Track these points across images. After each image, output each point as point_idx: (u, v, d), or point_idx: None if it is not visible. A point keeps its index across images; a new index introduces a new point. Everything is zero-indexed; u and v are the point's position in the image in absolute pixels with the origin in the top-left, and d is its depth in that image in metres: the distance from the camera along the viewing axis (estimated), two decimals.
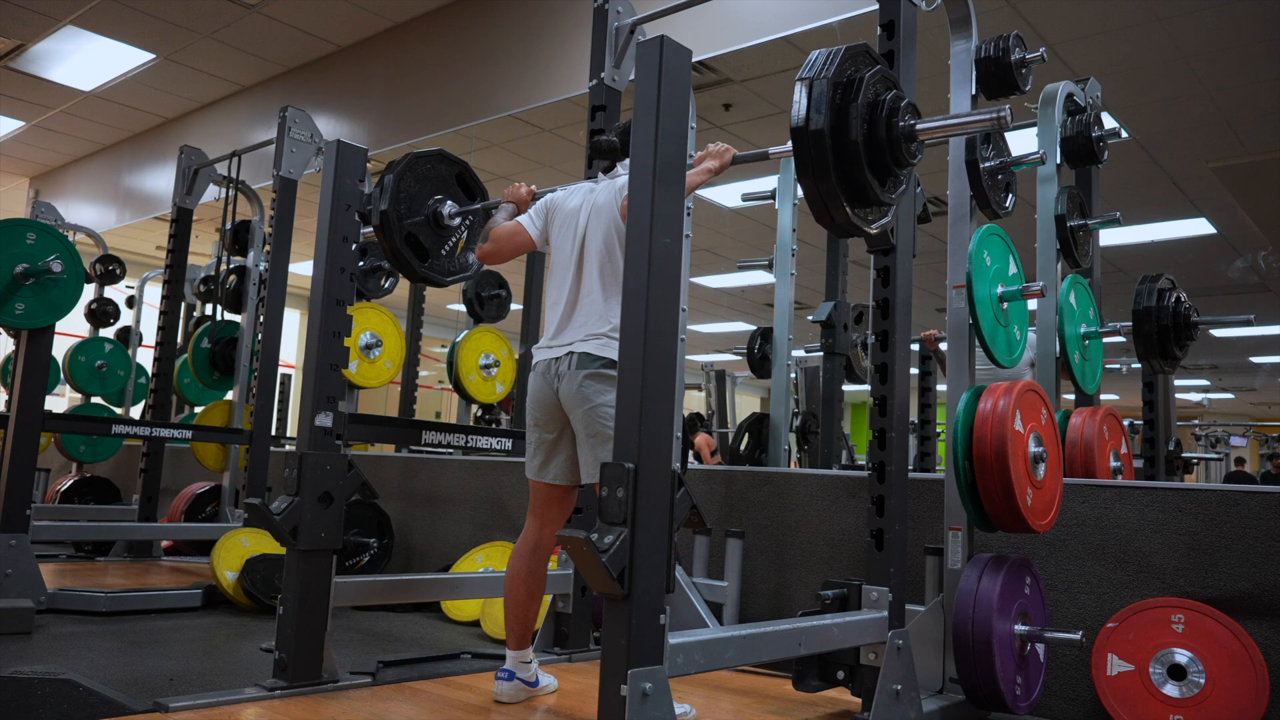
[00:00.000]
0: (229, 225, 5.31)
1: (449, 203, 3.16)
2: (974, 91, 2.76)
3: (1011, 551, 2.73)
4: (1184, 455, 4.44)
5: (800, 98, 1.90)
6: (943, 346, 4.95)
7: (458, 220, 3.17)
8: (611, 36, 3.24)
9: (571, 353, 2.39)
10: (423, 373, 5.78)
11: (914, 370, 5.25)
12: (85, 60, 7.08)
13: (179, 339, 5.61)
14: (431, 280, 3.19)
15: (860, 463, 5.51)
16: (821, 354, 4.69)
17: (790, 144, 1.95)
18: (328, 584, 2.56)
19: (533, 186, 2.80)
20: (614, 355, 2.33)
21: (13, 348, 4.16)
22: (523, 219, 2.63)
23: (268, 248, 4.66)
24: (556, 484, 2.53)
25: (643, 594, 1.67)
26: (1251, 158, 5.92)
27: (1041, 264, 3.21)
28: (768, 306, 4.36)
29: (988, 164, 2.72)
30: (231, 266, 5.40)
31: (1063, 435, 3.04)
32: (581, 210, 2.52)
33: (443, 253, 3.18)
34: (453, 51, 6.04)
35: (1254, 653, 2.29)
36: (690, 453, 6.57)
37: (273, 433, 5.19)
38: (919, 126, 1.98)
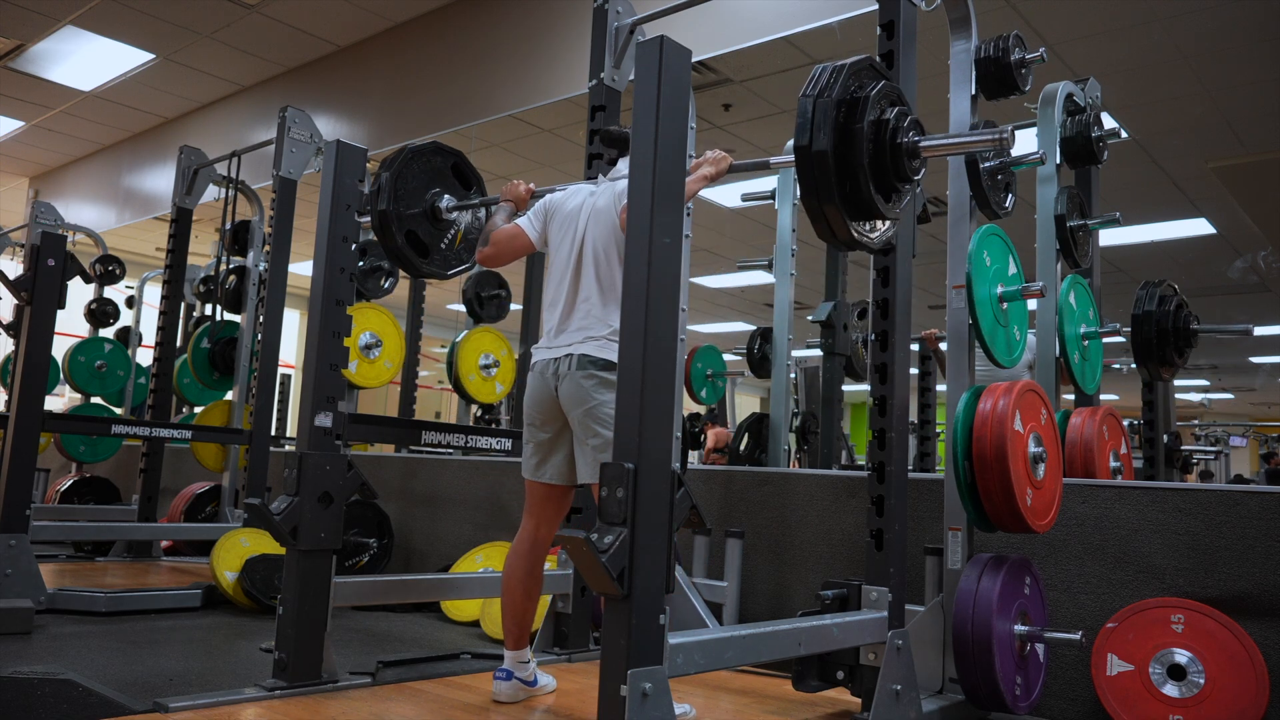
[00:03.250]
0: (229, 225, 5.31)
1: (446, 196, 3.16)
2: (974, 91, 2.76)
3: (1011, 551, 2.73)
4: (1182, 448, 4.43)
5: (803, 116, 1.90)
6: (943, 346, 4.94)
7: (455, 214, 3.17)
8: (611, 36, 3.24)
9: (570, 354, 2.39)
10: (422, 373, 5.78)
11: (914, 370, 5.24)
12: (85, 60, 7.08)
13: (179, 339, 5.61)
14: (434, 275, 3.19)
15: (860, 463, 5.51)
16: (821, 355, 4.69)
17: (790, 155, 1.95)
18: (328, 584, 2.56)
19: (531, 185, 2.79)
20: (612, 357, 2.33)
21: (12, 348, 4.15)
22: (521, 221, 2.63)
23: (267, 248, 4.66)
24: (554, 484, 2.53)
25: (642, 594, 1.67)
26: (1251, 158, 5.92)
27: (1041, 264, 3.21)
28: (767, 306, 4.36)
29: (987, 164, 2.72)
30: (231, 266, 5.40)
31: (1063, 435, 3.04)
32: (581, 212, 2.51)
33: (442, 246, 3.18)
34: (453, 51, 6.04)
35: (1254, 653, 2.29)
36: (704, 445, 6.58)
37: (273, 433, 5.19)
38: (922, 144, 1.98)
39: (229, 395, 5.41)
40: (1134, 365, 3.50)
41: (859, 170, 1.91)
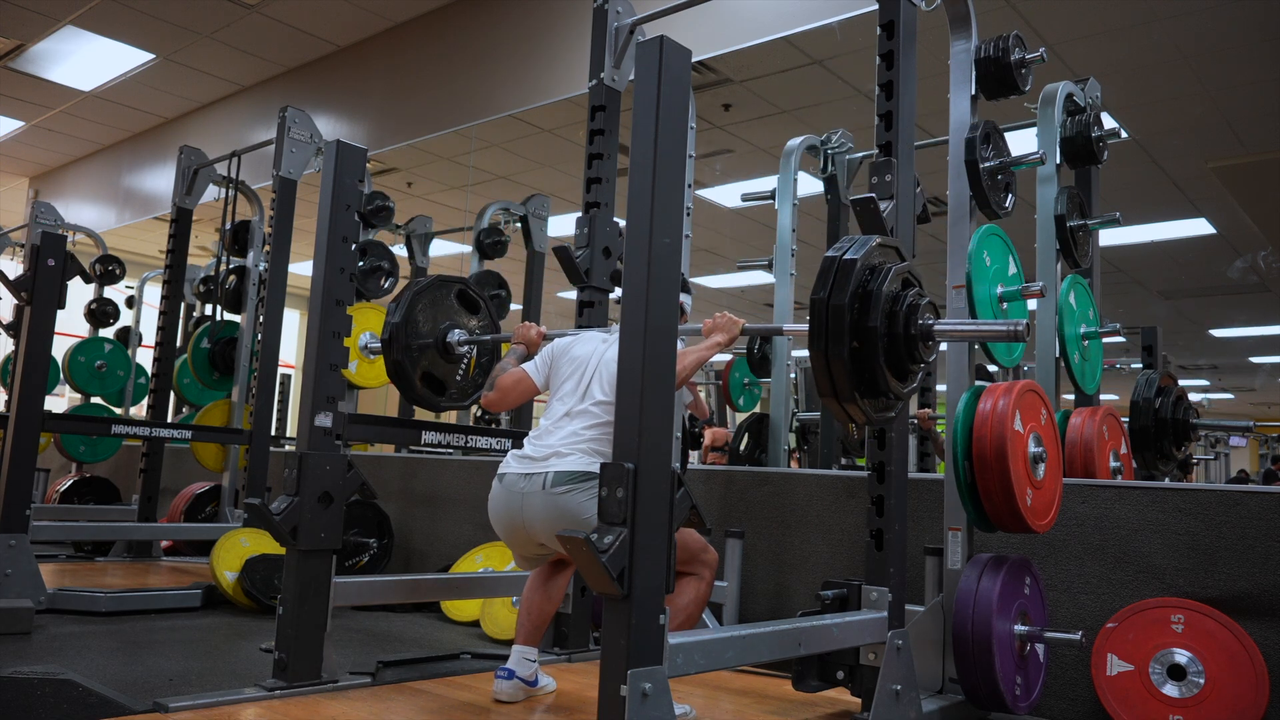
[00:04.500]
0: (229, 225, 5.31)
1: (456, 331, 3.21)
2: (974, 92, 2.76)
3: (1011, 551, 2.73)
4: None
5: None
6: (938, 429, 4.94)
7: (466, 347, 3.22)
8: (611, 36, 3.24)
9: (545, 472, 2.35)
10: None
11: None
12: (85, 60, 7.08)
13: (179, 339, 5.61)
14: (453, 408, 3.30)
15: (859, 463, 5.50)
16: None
17: (802, 325, 1.97)
18: (328, 584, 2.56)
19: (543, 328, 2.81)
20: (589, 468, 2.31)
21: (12, 348, 4.15)
22: (527, 366, 2.64)
23: (267, 248, 4.66)
24: (545, 559, 2.56)
25: (642, 594, 1.67)
26: (1251, 158, 5.91)
27: (1041, 264, 3.21)
28: (768, 306, 4.35)
29: (987, 164, 2.71)
30: (231, 266, 5.40)
31: (1063, 435, 3.04)
32: (590, 360, 2.51)
33: (457, 378, 3.26)
34: (453, 51, 6.04)
35: (1254, 653, 2.29)
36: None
37: (273, 433, 5.19)
38: (936, 328, 1.98)
39: (229, 395, 5.41)
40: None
41: (876, 367, 1.92)
